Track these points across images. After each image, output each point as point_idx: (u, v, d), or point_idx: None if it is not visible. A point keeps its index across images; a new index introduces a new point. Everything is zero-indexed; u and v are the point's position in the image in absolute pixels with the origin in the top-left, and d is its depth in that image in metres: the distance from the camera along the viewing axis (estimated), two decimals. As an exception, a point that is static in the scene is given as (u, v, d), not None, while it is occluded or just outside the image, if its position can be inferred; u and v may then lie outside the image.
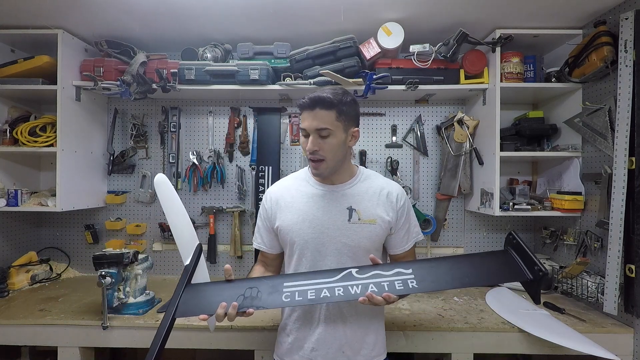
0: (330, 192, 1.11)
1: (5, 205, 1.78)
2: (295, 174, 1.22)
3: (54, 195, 1.78)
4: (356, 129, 1.10)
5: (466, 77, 1.79)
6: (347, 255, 1.08)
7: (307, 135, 1.06)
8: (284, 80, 1.77)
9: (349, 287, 0.92)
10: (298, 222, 1.09)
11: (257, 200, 1.81)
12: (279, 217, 1.13)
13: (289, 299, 0.93)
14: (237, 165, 2.10)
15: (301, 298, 0.92)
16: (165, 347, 1.46)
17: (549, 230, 1.91)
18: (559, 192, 1.78)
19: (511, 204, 1.76)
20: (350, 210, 1.08)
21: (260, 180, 1.80)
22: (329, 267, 1.06)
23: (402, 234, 1.13)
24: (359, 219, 1.07)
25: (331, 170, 1.08)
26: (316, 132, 1.03)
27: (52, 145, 1.77)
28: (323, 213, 1.09)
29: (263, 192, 1.79)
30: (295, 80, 1.78)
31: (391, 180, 1.19)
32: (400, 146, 2.09)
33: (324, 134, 1.03)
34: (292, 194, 1.14)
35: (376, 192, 1.11)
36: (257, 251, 1.76)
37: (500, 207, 1.72)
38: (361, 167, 1.19)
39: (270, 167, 1.80)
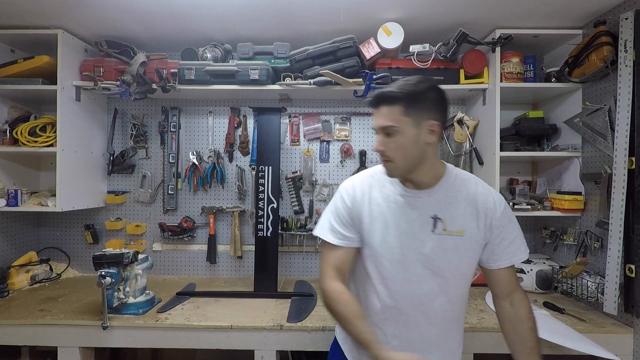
0: (415, 197, 0.97)
1: (5, 205, 1.78)
2: (374, 170, 1.06)
3: (54, 195, 1.78)
4: (433, 122, 0.91)
5: (466, 77, 1.79)
6: (430, 269, 0.96)
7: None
8: (284, 80, 1.77)
9: None
10: (381, 227, 0.97)
11: (259, 200, 1.80)
12: (364, 216, 0.99)
13: None
14: (237, 165, 2.10)
15: None
16: (166, 347, 1.47)
17: (549, 230, 1.91)
18: (559, 192, 1.78)
19: (511, 204, 1.76)
20: (435, 219, 0.95)
21: (260, 181, 1.80)
22: (410, 279, 0.96)
23: (502, 246, 0.97)
24: (444, 230, 0.94)
25: (403, 172, 0.96)
26: (381, 130, 0.93)
27: (52, 145, 1.77)
28: (406, 220, 0.96)
29: (263, 192, 1.79)
30: (295, 80, 1.78)
31: (487, 185, 1.01)
32: (400, 146, 2.09)
33: (388, 132, 0.92)
34: (378, 193, 1.00)
35: (466, 199, 0.96)
36: (260, 252, 1.77)
37: (500, 207, 1.72)
38: (450, 166, 1.01)
39: (271, 167, 1.80)
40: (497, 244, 0.97)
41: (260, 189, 1.80)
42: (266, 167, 1.80)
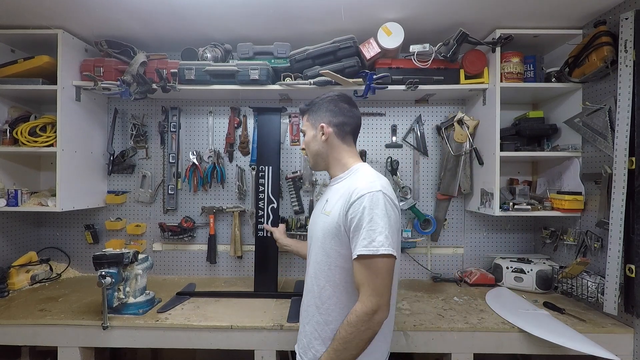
0: (328, 185, 1.25)
1: (5, 205, 1.78)
2: None
3: (54, 195, 1.78)
4: (322, 124, 1.18)
5: (466, 77, 1.79)
6: (313, 242, 1.17)
7: None
8: (284, 80, 1.77)
9: None
10: (311, 217, 1.29)
11: (259, 200, 1.79)
12: None
13: None
14: (237, 165, 2.10)
15: None
16: (166, 347, 1.47)
17: (549, 230, 1.91)
18: (559, 192, 1.78)
19: (511, 204, 1.76)
20: (326, 201, 1.16)
21: (261, 181, 1.79)
22: (308, 254, 1.21)
23: (350, 237, 1.02)
24: (324, 210, 1.14)
25: (313, 164, 1.25)
26: (301, 133, 1.29)
27: (52, 145, 1.77)
28: (318, 205, 1.25)
29: (263, 192, 1.79)
30: (295, 80, 1.78)
31: (379, 181, 1.05)
32: (400, 146, 2.09)
33: (303, 134, 1.26)
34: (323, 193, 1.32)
35: (347, 187, 1.07)
36: (260, 253, 1.79)
37: (500, 207, 1.72)
38: (359, 164, 1.17)
39: (271, 167, 1.79)
40: (348, 233, 1.03)
41: (260, 189, 1.79)
42: (266, 167, 1.80)
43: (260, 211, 1.79)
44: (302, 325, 1.19)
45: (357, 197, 1.01)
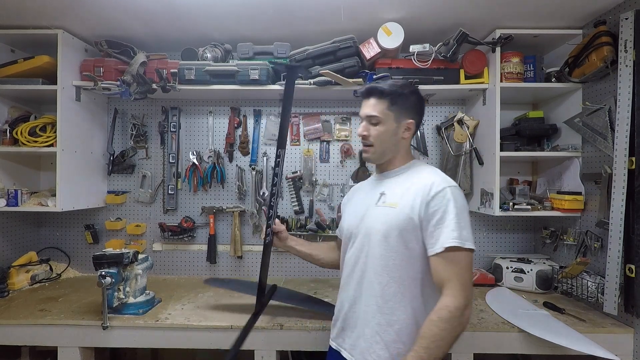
0: (378, 180, 1.17)
1: (5, 205, 1.78)
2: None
3: (54, 195, 1.78)
4: (410, 120, 1.10)
5: (466, 77, 1.79)
6: (365, 237, 1.08)
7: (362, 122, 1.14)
8: (284, 80, 1.77)
9: None
10: (351, 212, 1.20)
11: (272, 195, 1.38)
12: (344, 211, 1.28)
13: None
14: (237, 165, 2.10)
15: None
16: (166, 347, 1.47)
17: (549, 230, 1.91)
18: (559, 192, 1.78)
19: (511, 204, 1.76)
20: (382, 194, 1.10)
21: (276, 169, 1.39)
22: (353, 251, 1.12)
23: (430, 230, 0.99)
24: (384, 202, 1.08)
25: (378, 157, 1.13)
26: (367, 118, 1.11)
27: (52, 145, 1.77)
28: (364, 198, 1.17)
29: (277, 174, 1.39)
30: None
31: (441, 176, 1.06)
32: (400, 146, 2.09)
33: (373, 122, 1.09)
34: (360, 187, 1.27)
35: (412, 180, 1.07)
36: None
37: (500, 207, 1.72)
38: (416, 161, 1.16)
39: (284, 152, 1.41)
40: (426, 226, 1.00)
41: (274, 181, 1.39)
42: (282, 152, 1.40)
43: (270, 210, 1.40)
44: (357, 328, 1.08)
45: (438, 190, 1.00)
